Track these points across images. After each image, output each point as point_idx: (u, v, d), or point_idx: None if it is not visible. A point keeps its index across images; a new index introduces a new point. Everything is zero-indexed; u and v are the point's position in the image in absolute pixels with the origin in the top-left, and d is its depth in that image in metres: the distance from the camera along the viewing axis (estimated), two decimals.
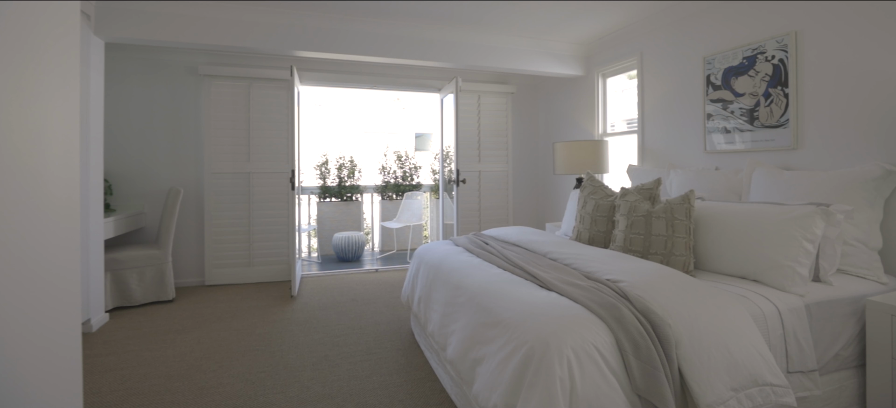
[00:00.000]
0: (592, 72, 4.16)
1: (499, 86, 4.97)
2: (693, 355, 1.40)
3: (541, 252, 2.31)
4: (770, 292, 1.81)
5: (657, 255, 2.13)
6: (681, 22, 3.21)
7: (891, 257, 2.13)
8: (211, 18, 3.26)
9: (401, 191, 6.15)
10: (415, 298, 2.59)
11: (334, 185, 5.89)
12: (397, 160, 6.26)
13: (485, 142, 5.00)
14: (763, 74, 2.59)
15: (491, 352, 1.54)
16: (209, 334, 2.87)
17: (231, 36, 3.33)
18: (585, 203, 2.66)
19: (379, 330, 2.93)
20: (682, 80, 3.21)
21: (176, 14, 3.18)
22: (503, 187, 5.11)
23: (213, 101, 4.10)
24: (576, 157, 3.67)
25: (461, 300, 1.92)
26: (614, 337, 1.40)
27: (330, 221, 5.79)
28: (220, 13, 3.27)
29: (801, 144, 2.46)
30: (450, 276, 2.16)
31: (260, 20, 3.38)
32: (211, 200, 4.11)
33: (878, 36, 2.14)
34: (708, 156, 3.01)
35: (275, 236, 4.32)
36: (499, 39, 3.95)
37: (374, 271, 4.68)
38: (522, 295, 1.68)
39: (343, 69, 4.52)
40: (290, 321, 3.11)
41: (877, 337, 1.76)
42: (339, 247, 5.27)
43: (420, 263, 2.68)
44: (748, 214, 2.06)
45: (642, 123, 3.60)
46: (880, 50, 2.13)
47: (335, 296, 3.73)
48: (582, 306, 1.53)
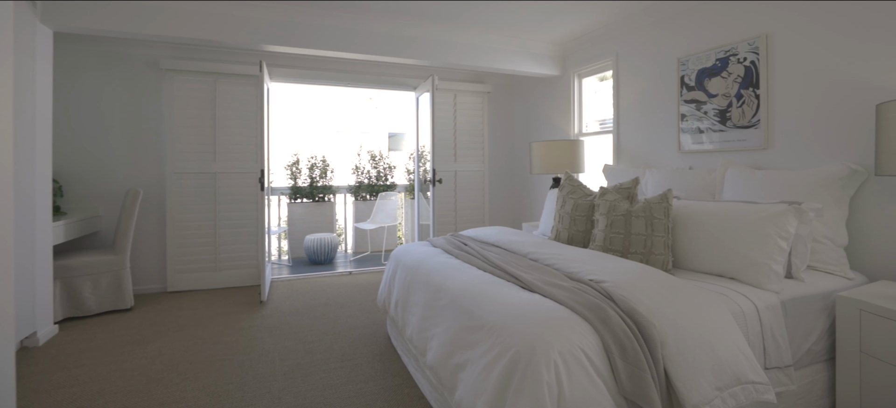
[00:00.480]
0: (568, 72, 4.18)
1: (475, 85, 4.93)
2: (678, 356, 1.39)
3: (521, 253, 2.27)
4: (747, 290, 1.83)
5: (637, 254, 2.13)
6: (655, 24, 3.25)
7: (855, 254, 2.20)
8: (173, 9, 3.08)
9: (375, 191, 6.03)
10: (392, 302, 2.51)
11: (306, 185, 5.71)
12: (371, 160, 6.14)
13: (461, 141, 4.95)
14: (735, 76, 2.65)
15: (474, 357, 1.48)
16: (171, 345, 2.69)
17: (196, 28, 3.15)
18: (564, 203, 2.64)
19: (354, 335, 2.83)
20: (656, 81, 3.25)
21: (134, 3, 2.99)
22: (479, 187, 5.08)
23: (176, 97, 3.89)
24: (552, 156, 3.67)
25: (441, 303, 1.85)
26: (600, 339, 1.37)
27: (301, 222, 5.61)
28: (183, 3, 3.09)
29: (772, 145, 2.52)
30: (429, 278, 2.09)
31: (227, 12, 3.21)
32: (174, 202, 3.90)
33: (843, 41, 2.21)
34: (682, 155, 3.05)
35: (243, 239, 4.14)
36: (476, 38, 3.91)
37: (348, 274, 4.56)
38: (505, 297, 1.63)
39: (315, 65, 4.38)
40: (259, 328, 2.96)
41: (846, 331, 1.80)
42: (311, 249, 5.11)
43: (397, 265, 2.60)
44: (724, 212, 2.09)
45: (618, 123, 3.64)
46: (845, 54, 2.20)
47: (307, 300, 3.60)
48: (567, 307, 1.49)
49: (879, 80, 2.08)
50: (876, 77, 2.09)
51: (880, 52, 2.07)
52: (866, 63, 2.12)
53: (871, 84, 2.11)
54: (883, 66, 2.06)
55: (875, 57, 2.09)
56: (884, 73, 2.06)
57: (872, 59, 2.10)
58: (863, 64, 2.14)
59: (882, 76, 2.07)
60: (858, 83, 2.16)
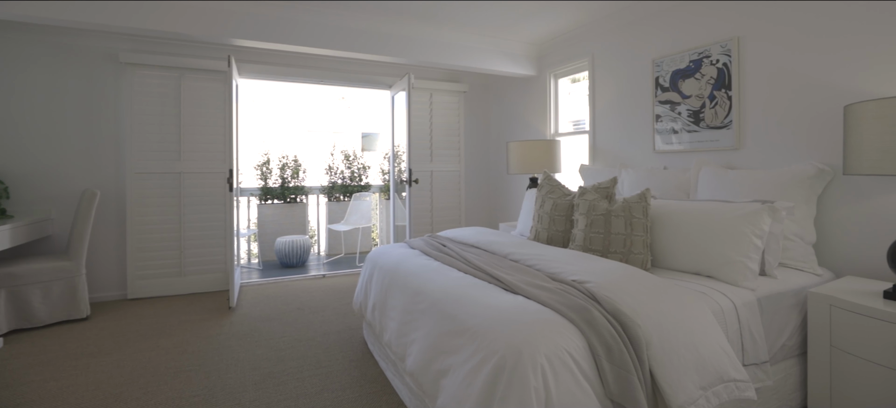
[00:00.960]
0: (544, 72, 4.19)
1: (451, 84, 4.89)
2: (663, 356, 1.37)
3: (501, 253, 2.24)
4: (725, 288, 1.85)
5: (616, 253, 2.13)
6: (631, 25, 3.29)
7: (822, 250, 2.27)
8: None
9: (349, 192, 5.90)
10: (368, 306, 2.43)
11: (277, 186, 5.53)
12: (345, 160, 6.01)
13: (437, 141, 4.90)
14: (708, 77, 2.70)
15: (457, 362, 1.43)
16: (132, 356, 2.52)
17: (159, 19, 2.98)
18: (543, 203, 2.63)
19: (329, 341, 2.73)
20: (631, 82, 3.29)
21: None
22: (455, 187, 5.03)
23: (137, 92, 3.67)
24: (529, 156, 3.66)
25: (421, 307, 1.79)
26: (586, 341, 1.34)
27: (272, 224, 5.43)
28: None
29: (743, 145, 2.57)
30: (407, 281, 2.03)
31: (193, 3, 3.05)
32: (135, 204, 3.68)
33: (812, 45, 2.27)
34: (657, 155, 3.09)
35: (210, 242, 3.95)
36: (453, 36, 3.87)
37: (321, 277, 4.43)
38: (488, 300, 1.59)
39: (287, 62, 4.23)
40: (228, 336, 2.82)
41: (817, 326, 1.85)
42: (283, 252, 4.95)
43: (373, 267, 2.52)
44: (701, 211, 2.11)
45: (593, 123, 3.66)
46: (814, 58, 2.27)
47: (279, 305, 3.46)
48: (552, 309, 1.46)
49: (846, 83, 2.15)
50: (842, 80, 2.16)
51: (847, 57, 2.14)
52: (833, 66, 2.19)
53: (837, 87, 2.18)
54: (849, 70, 2.13)
55: (842, 61, 2.16)
56: (850, 77, 2.13)
57: (839, 62, 2.17)
58: (830, 67, 2.21)
59: (848, 79, 2.14)
60: (825, 86, 2.23)
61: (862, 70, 2.09)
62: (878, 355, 1.65)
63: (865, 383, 1.69)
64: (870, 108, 1.69)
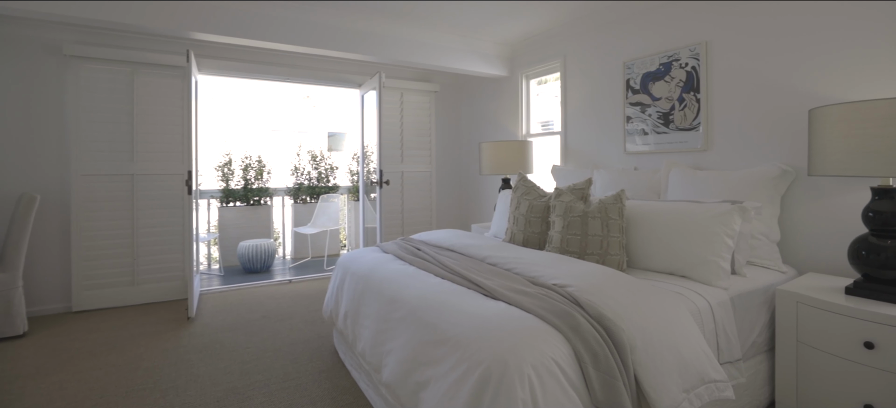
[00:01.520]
0: (516, 73, 4.19)
1: (422, 83, 4.82)
2: (647, 360, 1.36)
3: (479, 257, 2.19)
4: (699, 287, 1.87)
5: (593, 255, 2.12)
6: (602, 28, 3.32)
7: (786, 248, 2.34)
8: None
9: (316, 193, 5.72)
10: (340, 314, 2.32)
11: (239, 188, 5.28)
12: (312, 160, 5.82)
13: (408, 141, 4.81)
14: (678, 80, 2.75)
15: (438, 374, 1.37)
16: (77, 376, 2.31)
17: (109, 10, 2.75)
18: (519, 204, 2.60)
19: (297, 351, 2.60)
20: (603, 84, 3.32)
21: None
22: (427, 189, 4.96)
23: (84, 88, 3.39)
24: (502, 157, 3.64)
25: (398, 315, 1.71)
26: (572, 348, 1.31)
27: (234, 227, 5.18)
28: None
29: (711, 146, 2.64)
30: (382, 287, 1.94)
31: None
32: (81, 208, 3.40)
33: (774, 51, 2.35)
34: (628, 156, 3.14)
35: (167, 248, 3.70)
36: (425, 35, 3.80)
37: (287, 282, 4.25)
38: (469, 307, 1.53)
39: (251, 58, 4.03)
40: (187, 349, 2.64)
41: (785, 323, 1.90)
42: (246, 257, 4.72)
43: (345, 273, 2.41)
44: (674, 212, 2.13)
45: (565, 124, 3.68)
46: (777, 63, 2.34)
47: (243, 313, 3.28)
48: (536, 316, 1.42)
49: (808, 88, 2.23)
50: (805, 84, 2.24)
51: (809, 62, 2.22)
52: (796, 71, 2.27)
53: (800, 91, 2.26)
54: (811, 75, 2.21)
55: (804, 66, 2.24)
56: (812, 81, 2.21)
57: (802, 68, 2.25)
58: (793, 72, 2.28)
59: (810, 84, 2.22)
60: (788, 90, 2.30)
61: (823, 75, 2.17)
62: (840, 349, 1.70)
63: (828, 376, 1.74)
64: (834, 111, 1.75)
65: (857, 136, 1.68)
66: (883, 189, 1.76)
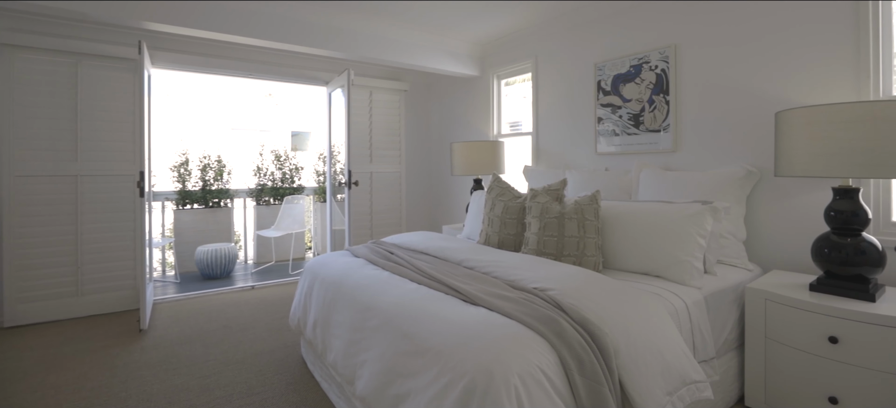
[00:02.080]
0: (488, 73, 4.16)
1: (392, 82, 4.71)
2: (631, 364, 1.34)
3: (454, 260, 2.12)
4: (674, 287, 1.88)
5: (570, 256, 2.10)
6: (574, 29, 3.34)
7: (751, 247, 2.41)
8: None
9: (280, 195, 5.50)
10: (308, 323, 2.20)
11: (197, 189, 5.00)
12: (275, 160, 5.59)
13: (377, 141, 4.70)
14: (648, 82, 2.79)
15: (419, 387, 1.29)
16: (8, 402, 2.08)
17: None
18: (494, 205, 2.56)
19: (261, 362, 2.45)
20: (574, 85, 3.34)
21: None
22: (396, 189, 4.86)
23: (18, 80, 3.09)
24: (474, 157, 3.60)
25: (373, 324, 1.62)
26: (558, 355, 1.26)
27: (192, 231, 4.89)
28: None
29: (680, 147, 2.69)
30: (355, 294, 1.85)
31: None
32: (14, 212, 3.09)
33: (740, 55, 2.42)
34: (599, 157, 3.16)
35: (116, 254, 3.43)
36: (395, 32, 3.70)
37: (250, 289, 4.05)
38: (448, 314, 1.46)
39: (209, 51, 3.81)
40: (138, 364, 2.43)
41: (754, 320, 1.94)
42: (205, 262, 4.46)
43: (313, 279, 2.29)
44: (648, 212, 2.15)
45: (537, 124, 3.68)
46: (742, 67, 2.41)
47: (201, 323, 3.08)
48: (518, 322, 1.37)
49: (772, 92, 2.30)
50: (769, 88, 2.31)
51: (774, 67, 2.29)
52: (762, 76, 2.34)
53: (764, 94, 2.33)
54: (776, 79, 2.29)
55: (769, 71, 2.31)
56: (776, 86, 2.28)
57: (767, 72, 2.32)
58: (759, 76, 2.35)
59: (774, 88, 2.29)
60: (754, 93, 2.37)
61: (786, 80, 2.25)
62: (805, 344, 1.76)
63: (795, 370, 1.79)
64: (799, 114, 1.80)
65: (821, 138, 1.73)
66: (843, 189, 1.82)
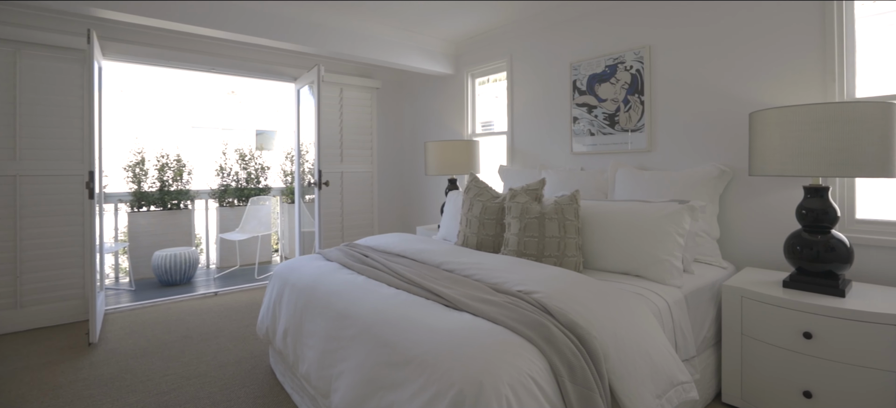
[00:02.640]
0: (462, 71, 4.11)
1: (363, 79, 4.58)
2: (621, 368, 1.30)
3: (433, 263, 2.05)
4: (655, 287, 1.87)
5: (551, 257, 2.07)
6: (549, 29, 3.32)
7: (724, 245, 2.46)
8: None
9: (244, 196, 5.26)
10: (278, 331, 2.07)
11: (154, 190, 4.70)
12: (240, 159, 5.34)
13: (348, 140, 4.55)
14: (623, 82, 2.80)
15: (402, 399, 1.21)
16: None
17: None
18: (472, 206, 2.50)
19: (226, 375, 2.29)
20: (550, 84, 3.33)
21: None
22: (368, 190, 4.73)
23: None
24: (449, 157, 3.53)
25: (350, 333, 1.52)
26: (548, 361, 1.21)
27: (148, 235, 4.59)
28: None
29: (655, 147, 2.71)
30: (329, 301, 1.74)
31: None
32: None
33: (713, 56, 2.45)
34: (574, 157, 3.16)
35: (62, 262, 3.16)
36: (368, 27, 3.58)
37: (213, 295, 3.83)
38: (431, 321, 1.38)
39: (167, 43, 3.57)
40: (87, 382, 2.23)
41: (730, 317, 1.96)
42: (163, 268, 4.20)
43: (283, 285, 2.16)
44: (626, 212, 2.14)
45: (512, 124, 3.66)
46: (714, 68, 2.45)
47: (159, 334, 2.87)
48: (505, 328, 1.31)
49: (745, 93, 2.34)
50: (742, 90, 2.35)
51: (746, 69, 2.34)
52: (735, 77, 2.38)
53: (738, 95, 2.37)
54: (749, 81, 2.33)
55: (742, 72, 2.35)
56: (749, 87, 2.33)
57: (740, 73, 2.36)
58: (732, 78, 2.39)
59: (747, 89, 2.33)
60: (726, 94, 2.41)
61: (757, 81, 2.29)
62: (780, 339, 1.78)
63: (770, 366, 1.82)
64: (773, 115, 1.82)
65: (794, 138, 1.76)
66: (814, 188, 1.87)
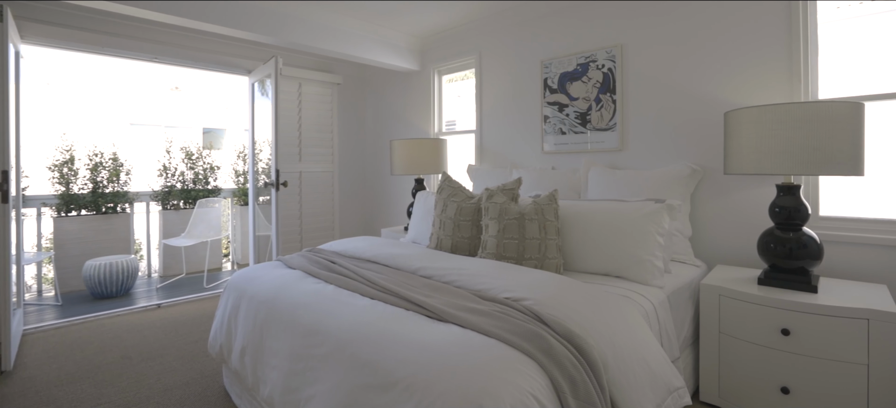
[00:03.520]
0: (429, 68, 3.97)
1: (323, 74, 4.34)
2: (621, 378, 1.22)
3: (409, 269, 1.90)
4: (639, 288, 1.82)
5: (531, 259, 1.98)
6: (520, 25, 3.25)
7: (695, 243, 2.47)
8: None
9: (191, 198, 4.85)
10: (234, 349, 1.84)
11: (86, 192, 4.23)
12: (187, 158, 4.93)
13: (307, 138, 4.30)
14: (595, 81, 2.77)
15: None
16: None
17: None
18: (445, 207, 2.37)
19: (173, 399, 2.03)
20: (520, 82, 3.26)
21: None
22: (328, 191, 4.49)
23: None
24: (415, 156, 3.39)
25: (321, 351, 1.35)
26: (548, 377, 1.10)
27: (78, 242, 4.12)
28: None
29: (627, 146, 2.70)
30: (295, 314, 1.55)
31: None
32: None
33: (683, 56, 2.47)
34: (545, 156, 3.11)
35: None
36: (330, 18, 3.37)
37: (155, 308, 3.47)
38: (416, 335, 1.24)
39: (99, 26, 3.18)
40: None
41: (708, 315, 1.95)
42: (95, 279, 3.76)
43: (239, 297, 1.94)
44: (605, 212, 2.09)
45: (480, 122, 3.56)
46: (685, 68, 2.46)
47: (91, 355, 2.53)
48: (500, 341, 1.19)
49: (715, 92, 2.36)
50: (712, 89, 2.37)
51: (717, 69, 2.36)
52: (705, 77, 2.40)
53: (707, 95, 2.39)
54: (719, 81, 2.35)
55: (712, 72, 2.37)
56: (719, 87, 2.35)
57: (710, 74, 2.38)
58: (703, 78, 2.41)
59: (717, 89, 2.35)
60: (697, 93, 2.43)
61: (726, 80, 2.32)
62: (756, 336, 1.79)
63: (747, 363, 1.82)
64: (749, 114, 1.83)
65: (771, 136, 1.76)
66: (787, 186, 1.89)
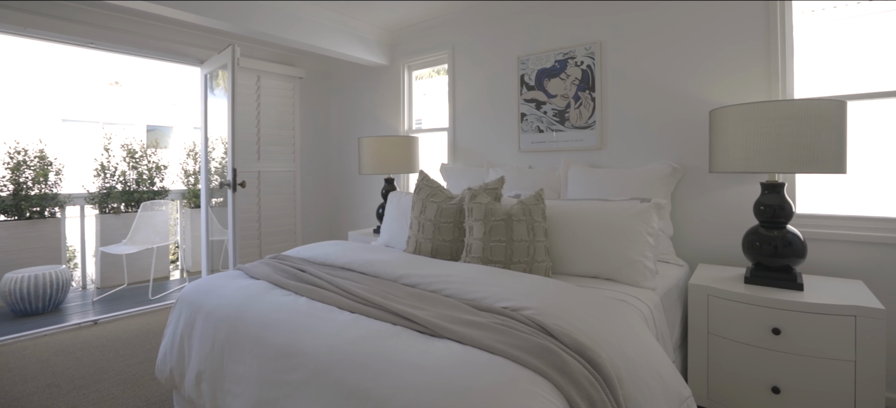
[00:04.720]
0: (398, 62, 3.79)
1: (284, 67, 4.06)
2: (636, 392, 1.12)
3: (390, 277, 1.73)
4: (632, 290, 1.75)
5: (520, 263, 1.86)
6: (495, 20, 3.14)
7: (677, 242, 2.45)
8: None
9: (134, 200, 4.41)
10: (187, 374, 1.60)
11: (6, 195, 3.73)
12: (129, 157, 4.48)
13: (266, 135, 4.00)
14: (573, 78, 2.71)
15: None
16: None
17: None
18: (424, 208, 2.21)
19: None
20: (496, 79, 3.15)
21: None
22: (290, 192, 4.22)
23: None
24: (386, 154, 3.20)
25: (297, 376, 1.16)
26: (565, 398, 0.98)
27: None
28: None
29: (606, 144, 2.65)
30: (263, 333, 1.35)
31: None
32: None
33: (662, 54, 2.44)
34: (522, 154, 3.02)
35: None
36: (292, 5, 3.12)
37: (91, 325, 3.09)
38: (410, 356, 1.08)
39: (26, 6, 2.78)
40: None
41: (697, 316, 1.91)
42: (18, 294, 3.29)
43: (194, 312, 1.69)
44: (593, 211, 2.01)
45: (454, 120, 3.43)
46: (664, 66, 2.44)
47: (9, 386, 2.18)
48: (507, 358, 1.05)
49: (695, 91, 2.35)
50: (692, 87, 2.35)
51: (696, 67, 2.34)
52: (685, 75, 2.38)
53: (687, 93, 2.38)
54: (698, 79, 2.34)
55: (692, 71, 2.36)
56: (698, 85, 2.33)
57: (690, 72, 2.36)
58: (682, 76, 2.39)
59: (696, 87, 2.34)
60: (677, 92, 2.41)
61: (705, 79, 2.31)
62: (746, 336, 1.76)
63: (736, 363, 1.79)
64: (735, 112, 1.80)
65: (758, 134, 1.74)
66: (771, 184, 1.88)
